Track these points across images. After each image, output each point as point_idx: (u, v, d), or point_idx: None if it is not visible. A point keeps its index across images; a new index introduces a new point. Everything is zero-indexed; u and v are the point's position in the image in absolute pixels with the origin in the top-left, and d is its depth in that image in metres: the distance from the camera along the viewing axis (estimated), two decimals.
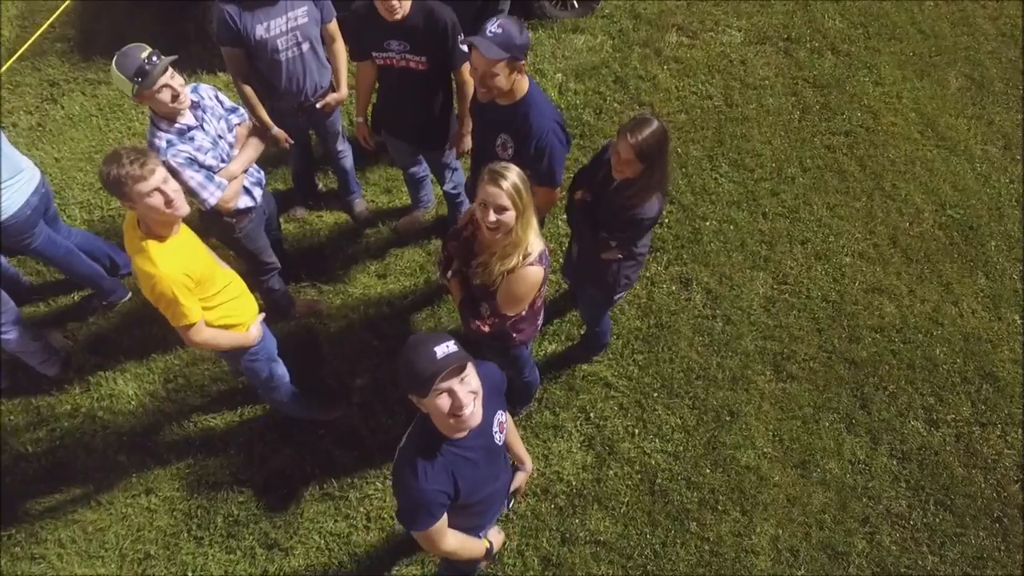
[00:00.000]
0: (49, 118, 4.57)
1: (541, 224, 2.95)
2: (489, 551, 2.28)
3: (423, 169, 3.86)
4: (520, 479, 2.42)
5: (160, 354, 3.63)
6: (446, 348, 1.72)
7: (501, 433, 2.10)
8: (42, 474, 3.32)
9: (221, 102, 2.87)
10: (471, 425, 1.82)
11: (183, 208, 2.35)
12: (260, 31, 3.00)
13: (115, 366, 3.60)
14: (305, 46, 3.17)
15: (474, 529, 2.20)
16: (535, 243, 2.34)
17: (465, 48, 2.95)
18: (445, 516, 1.94)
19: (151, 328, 3.70)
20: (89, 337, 3.70)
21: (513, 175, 2.22)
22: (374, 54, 3.04)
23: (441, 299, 3.86)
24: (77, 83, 4.75)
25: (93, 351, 3.65)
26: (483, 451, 1.99)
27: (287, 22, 3.04)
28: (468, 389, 1.76)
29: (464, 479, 1.92)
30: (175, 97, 2.59)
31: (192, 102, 2.72)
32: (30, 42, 4.78)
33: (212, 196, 2.77)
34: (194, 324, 2.45)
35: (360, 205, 4.16)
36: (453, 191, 3.75)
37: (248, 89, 3.19)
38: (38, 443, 3.40)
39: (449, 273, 2.61)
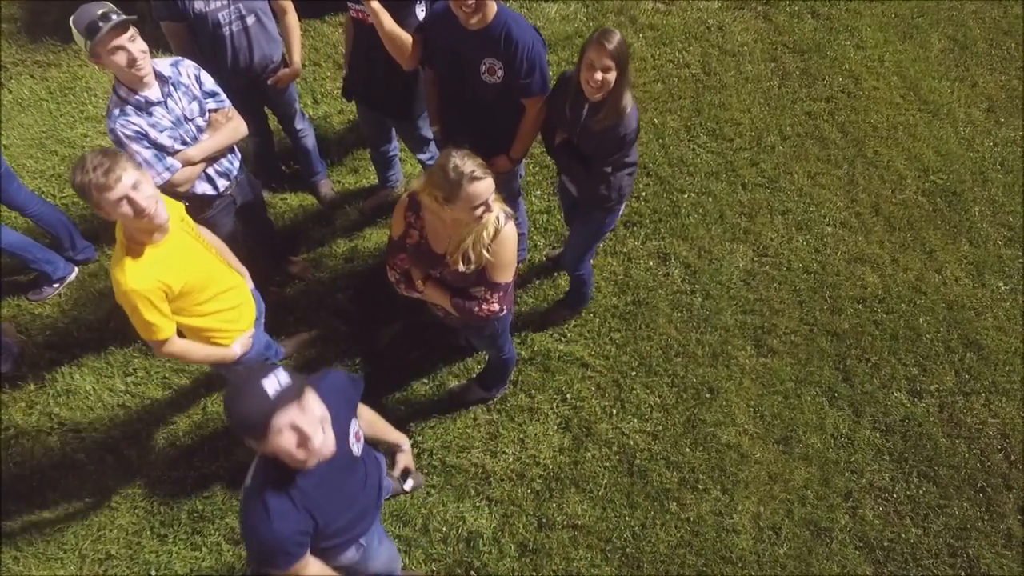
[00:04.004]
0: None
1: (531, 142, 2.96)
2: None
3: (394, 147, 3.71)
4: (403, 460, 2.28)
5: (118, 347, 3.49)
6: (277, 382, 1.54)
7: (359, 443, 1.95)
8: None
9: (200, 83, 2.67)
10: (325, 455, 1.66)
11: (159, 216, 2.17)
12: (199, 4, 2.82)
13: (71, 360, 3.45)
14: (250, 19, 2.99)
15: (347, 543, 2.03)
16: (497, 206, 2.26)
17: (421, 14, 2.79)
18: (307, 550, 1.79)
19: (108, 319, 3.55)
20: (43, 330, 3.54)
21: (478, 162, 2.12)
22: (349, 4, 2.88)
23: None
24: (25, 66, 4.52)
25: (48, 345, 3.50)
26: (339, 472, 1.83)
27: None
28: (313, 417, 1.59)
29: (321, 510, 1.77)
30: (132, 62, 2.42)
31: (163, 76, 2.55)
32: None
33: (158, 176, 2.60)
34: (161, 340, 2.32)
35: (326, 186, 3.99)
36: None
37: None
38: None
39: (418, 284, 2.48)
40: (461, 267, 2.32)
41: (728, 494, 3.18)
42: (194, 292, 2.38)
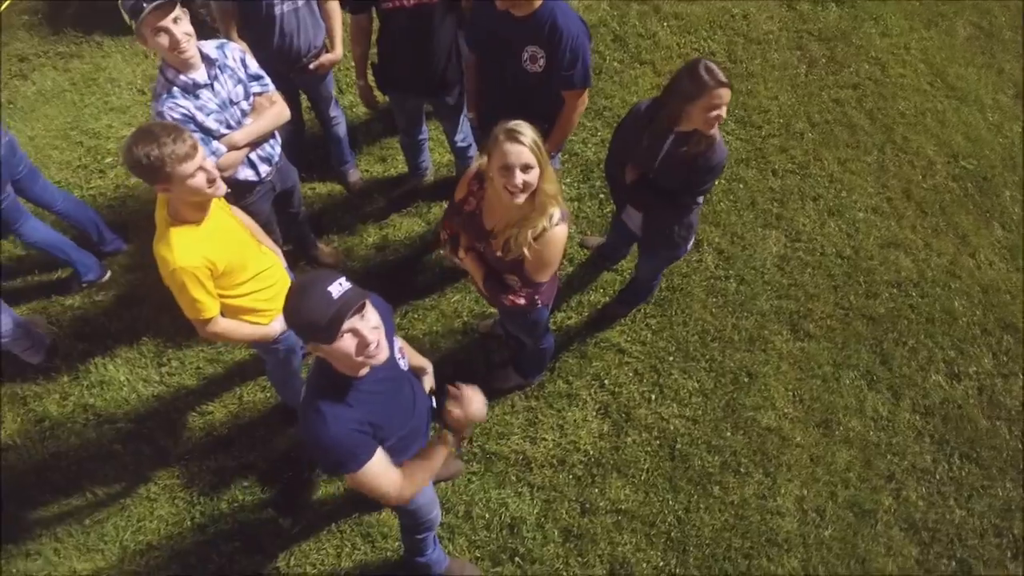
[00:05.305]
0: (20, 95, 4.31)
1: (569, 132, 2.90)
2: (456, 452, 2.03)
3: (424, 131, 3.68)
4: (428, 381, 2.30)
5: (151, 336, 3.46)
6: (340, 286, 1.59)
7: (404, 359, 1.99)
8: (33, 467, 3.15)
9: (246, 65, 2.64)
10: (380, 360, 1.70)
11: (221, 187, 2.18)
12: None
13: (104, 351, 3.42)
14: (300, 0, 2.97)
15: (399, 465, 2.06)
16: (557, 204, 2.20)
17: None
18: (380, 452, 1.81)
19: (140, 309, 3.52)
20: (74, 322, 3.50)
21: (529, 130, 2.07)
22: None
23: (443, 269, 3.71)
24: (48, 57, 4.48)
25: (80, 336, 3.46)
26: (390, 382, 1.88)
27: None
28: (371, 325, 1.65)
29: (376, 415, 1.80)
30: (174, 45, 2.38)
31: (210, 58, 2.52)
32: None
33: None
34: (207, 319, 2.30)
35: (354, 175, 3.97)
36: (463, 143, 3.58)
37: None
38: (27, 435, 3.22)
39: (461, 252, 2.46)
40: (499, 252, 2.30)
41: (771, 477, 3.17)
42: (235, 272, 2.36)
